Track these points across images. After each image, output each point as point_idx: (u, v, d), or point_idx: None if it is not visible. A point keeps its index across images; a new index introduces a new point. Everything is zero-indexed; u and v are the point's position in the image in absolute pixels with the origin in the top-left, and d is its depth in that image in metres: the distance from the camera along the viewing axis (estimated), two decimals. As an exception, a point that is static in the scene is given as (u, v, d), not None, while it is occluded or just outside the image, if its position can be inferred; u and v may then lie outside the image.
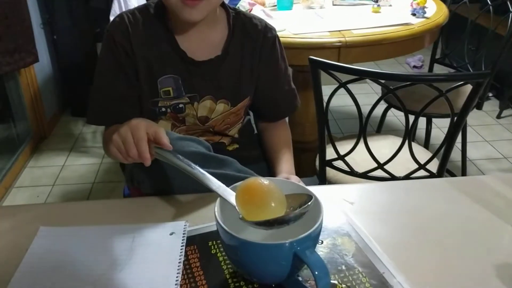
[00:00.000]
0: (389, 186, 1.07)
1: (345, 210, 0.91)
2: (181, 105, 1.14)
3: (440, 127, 3.17)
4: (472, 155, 2.92)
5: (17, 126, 3.02)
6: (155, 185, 0.98)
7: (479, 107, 3.13)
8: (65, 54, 3.32)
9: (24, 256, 0.80)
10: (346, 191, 1.00)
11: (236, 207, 0.70)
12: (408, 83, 1.34)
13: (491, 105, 3.60)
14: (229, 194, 0.73)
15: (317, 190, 0.72)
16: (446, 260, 0.80)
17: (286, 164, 1.21)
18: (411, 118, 1.46)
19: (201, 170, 0.80)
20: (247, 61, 1.17)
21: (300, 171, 1.27)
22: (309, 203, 0.67)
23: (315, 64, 1.41)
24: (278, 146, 1.26)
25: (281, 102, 1.28)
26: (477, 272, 0.78)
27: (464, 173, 2.46)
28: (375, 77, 1.34)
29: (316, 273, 0.61)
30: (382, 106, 1.51)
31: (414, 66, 4.30)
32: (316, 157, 1.79)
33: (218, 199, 0.73)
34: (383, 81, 1.44)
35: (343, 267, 0.75)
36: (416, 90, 1.38)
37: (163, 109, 1.14)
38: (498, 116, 3.46)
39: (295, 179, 1.07)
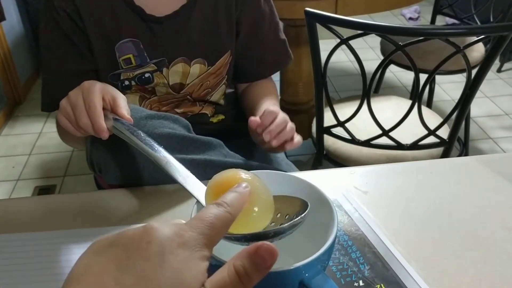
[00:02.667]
0: (409, 167, 0.89)
1: (357, 202, 0.74)
2: (147, 75, 0.94)
3: (440, 83, 3.00)
4: (473, 112, 2.78)
5: (-12, 91, 2.83)
6: (120, 174, 0.80)
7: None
8: (37, 11, 3.08)
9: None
10: (356, 176, 0.82)
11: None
12: (421, 38, 1.15)
13: (492, 58, 3.42)
14: (200, 190, 0.54)
15: (320, 175, 0.54)
16: (490, 266, 0.64)
17: (269, 103, 1.00)
18: (411, 75, 1.28)
19: (165, 153, 0.60)
20: (222, 6, 0.96)
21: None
22: (304, 214, 0.49)
23: (312, 17, 1.22)
24: (259, 95, 1.06)
25: (267, 55, 1.07)
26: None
27: (467, 133, 2.31)
28: (383, 32, 1.15)
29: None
30: (379, 62, 1.33)
31: (410, 18, 4.08)
32: (310, 119, 1.62)
33: (196, 200, 0.55)
34: (391, 36, 1.25)
35: (361, 283, 0.59)
36: (419, 45, 1.20)
37: (127, 82, 0.95)
38: (499, 70, 3.30)
39: (282, 116, 0.85)
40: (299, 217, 0.48)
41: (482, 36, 1.19)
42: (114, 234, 0.36)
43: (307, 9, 1.22)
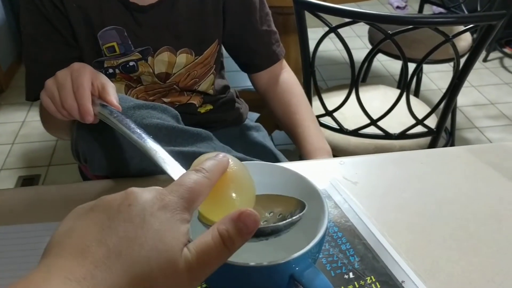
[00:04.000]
0: (399, 157, 0.87)
1: (347, 193, 0.73)
2: (131, 63, 0.92)
3: (426, 72, 3.01)
4: (459, 102, 2.79)
5: (-31, 79, 2.77)
6: (106, 165, 0.77)
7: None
8: (18, -3, 3.00)
9: None
10: (346, 166, 0.81)
11: None
12: (410, 26, 1.14)
13: (478, 47, 3.44)
14: None
15: (310, 165, 0.53)
16: (481, 257, 0.63)
17: (310, 134, 0.99)
18: (399, 64, 1.27)
19: (153, 143, 0.57)
20: None
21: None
22: (302, 212, 0.47)
23: (300, 5, 1.20)
24: (290, 109, 1.03)
25: (257, 47, 1.03)
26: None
27: (453, 122, 2.33)
28: (373, 20, 1.14)
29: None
30: (366, 51, 1.32)
31: (397, 7, 4.08)
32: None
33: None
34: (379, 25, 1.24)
35: (351, 275, 0.58)
36: (407, 34, 1.19)
37: (111, 70, 0.92)
38: (485, 60, 3.31)
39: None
40: (297, 216, 0.46)
41: (471, 25, 1.18)
42: (94, 200, 0.37)
43: (296, -4, 1.20)
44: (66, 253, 0.33)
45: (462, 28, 1.21)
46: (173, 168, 0.51)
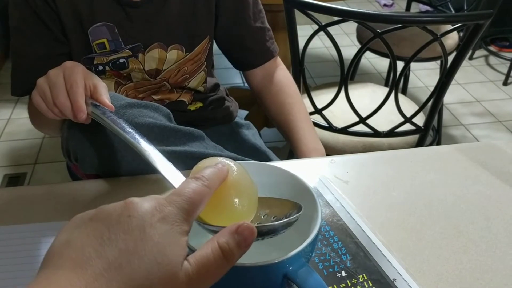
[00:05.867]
0: (389, 156, 0.88)
1: (338, 192, 0.73)
2: (122, 60, 0.91)
3: (413, 70, 3.03)
4: (445, 99, 2.80)
5: (-48, 76, 2.72)
6: (97, 164, 0.77)
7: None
8: (3, -8, 2.95)
9: None
10: (337, 165, 0.81)
11: None
12: (398, 25, 1.14)
13: (464, 45, 3.47)
14: (181, 180, 0.51)
15: (301, 164, 0.53)
16: (470, 255, 0.64)
17: (305, 135, 0.99)
18: (386, 61, 1.27)
19: (146, 143, 0.57)
20: None
21: (269, 124, 1.08)
22: (297, 214, 0.48)
23: (290, 3, 1.20)
24: (284, 109, 1.02)
25: (250, 43, 1.03)
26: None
27: (440, 120, 2.35)
28: (363, 19, 1.14)
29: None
30: (354, 48, 1.32)
31: (385, 5, 4.10)
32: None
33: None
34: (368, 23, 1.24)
35: (343, 274, 0.58)
36: (394, 31, 1.20)
37: (101, 67, 0.91)
38: (470, 57, 3.34)
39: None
40: (294, 216, 0.47)
41: (459, 24, 1.19)
42: (93, 210, 0.36)
43: (285, -6, 1.20)
44: (66, 264, 0.33)
45: (449, 26, 1.22)
46: (166, 169, 0.51)
